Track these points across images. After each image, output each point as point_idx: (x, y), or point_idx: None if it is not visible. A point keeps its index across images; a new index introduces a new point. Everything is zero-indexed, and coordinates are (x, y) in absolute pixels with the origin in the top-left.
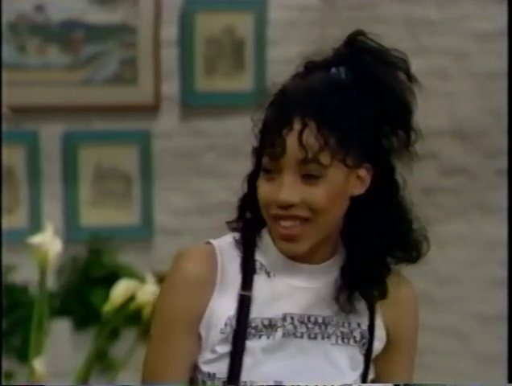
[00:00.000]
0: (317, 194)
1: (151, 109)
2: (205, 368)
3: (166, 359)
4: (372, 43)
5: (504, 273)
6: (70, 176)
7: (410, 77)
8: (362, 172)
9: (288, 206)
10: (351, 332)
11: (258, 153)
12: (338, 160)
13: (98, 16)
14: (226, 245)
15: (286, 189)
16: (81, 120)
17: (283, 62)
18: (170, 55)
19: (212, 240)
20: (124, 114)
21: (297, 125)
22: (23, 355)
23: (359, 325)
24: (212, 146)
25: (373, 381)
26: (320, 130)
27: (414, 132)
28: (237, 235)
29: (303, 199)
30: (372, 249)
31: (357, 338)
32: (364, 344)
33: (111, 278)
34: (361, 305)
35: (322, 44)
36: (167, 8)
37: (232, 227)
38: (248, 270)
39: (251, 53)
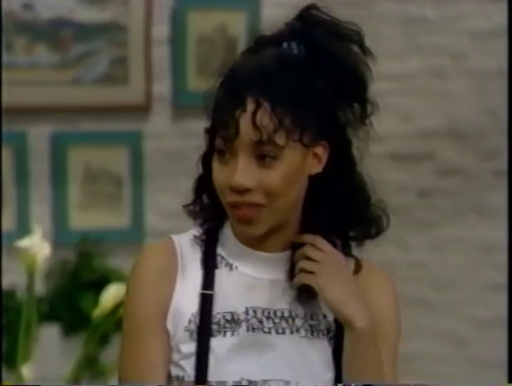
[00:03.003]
0: (273, 177)
1: (142, 110)
2: (173, 371)
3: (141, 362)
4: (325, 16)
5: (501, 277)
6: (59, 178)
7: (364, 49)
8: (319, 150)
9: (244, 190)
10: (319, 325)
11: (210, 133)
12: (294, 140)
13: (88, 14)
14: (187, 240)
15: (240, 173)
16: (70, 120)
17: None
18: (161, 54)
19: (172, 235)
20: (114, 114)
21: (250, 106)
22: (11, 361)
23: (325, 316)
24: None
25: None
26: (274, 110)
27: (371, 104)
28: (198, 230)
29: (259, 182)
30: (330, 226)
31: (324, 331)
32: (331, 338)
33: (101, 282)
34: None
35: None
36: (159, 6)
37: (188, 210)
38: (208, 266)
39: None
